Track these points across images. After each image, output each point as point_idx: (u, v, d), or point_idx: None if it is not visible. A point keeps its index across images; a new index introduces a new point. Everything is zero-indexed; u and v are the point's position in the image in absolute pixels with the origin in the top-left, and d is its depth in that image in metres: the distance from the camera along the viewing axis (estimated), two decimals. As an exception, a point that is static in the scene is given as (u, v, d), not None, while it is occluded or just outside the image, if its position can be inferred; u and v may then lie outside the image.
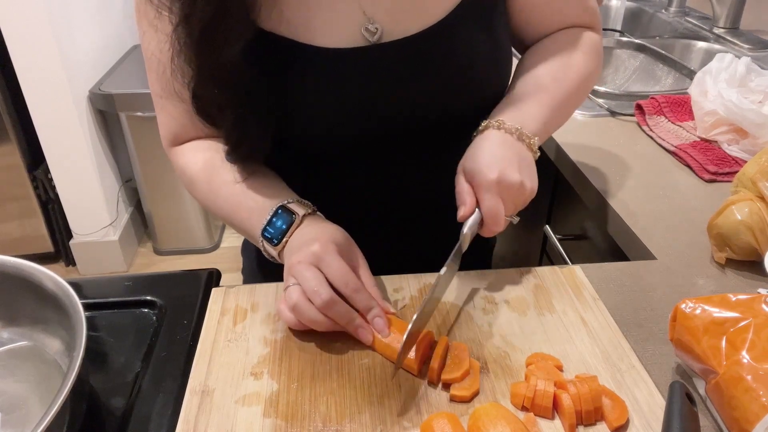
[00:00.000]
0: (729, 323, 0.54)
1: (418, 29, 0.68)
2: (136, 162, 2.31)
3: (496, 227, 0.65)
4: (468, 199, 0.65)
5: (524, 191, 0.66)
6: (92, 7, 2.28)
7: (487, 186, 0.64)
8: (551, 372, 0.58)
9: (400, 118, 0.70)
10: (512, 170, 0.64)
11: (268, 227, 0.67)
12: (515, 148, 0.67)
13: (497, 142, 0.67)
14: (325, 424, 0.55)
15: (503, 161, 0.64)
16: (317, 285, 0.60)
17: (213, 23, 0.59)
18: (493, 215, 0.64)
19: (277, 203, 0.68)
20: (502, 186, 0.64)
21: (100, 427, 0.58)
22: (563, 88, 0.73)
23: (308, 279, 0.60)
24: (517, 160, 0.65)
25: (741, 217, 0.71)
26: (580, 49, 0.76)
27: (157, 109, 0.74)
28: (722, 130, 0.99)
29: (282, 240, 0.66)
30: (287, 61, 0.67)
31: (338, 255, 0.62)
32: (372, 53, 0.67)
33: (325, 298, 0.60)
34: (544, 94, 0.72)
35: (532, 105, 0.71)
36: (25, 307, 0.64)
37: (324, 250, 0.62)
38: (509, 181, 0.64)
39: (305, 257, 0.62)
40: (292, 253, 0.64)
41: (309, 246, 0.63)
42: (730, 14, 1.59)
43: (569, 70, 0.75)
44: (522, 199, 0.67)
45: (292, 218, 0.66)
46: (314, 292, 0.60)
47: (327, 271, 0.61)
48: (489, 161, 0.64)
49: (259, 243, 0.69)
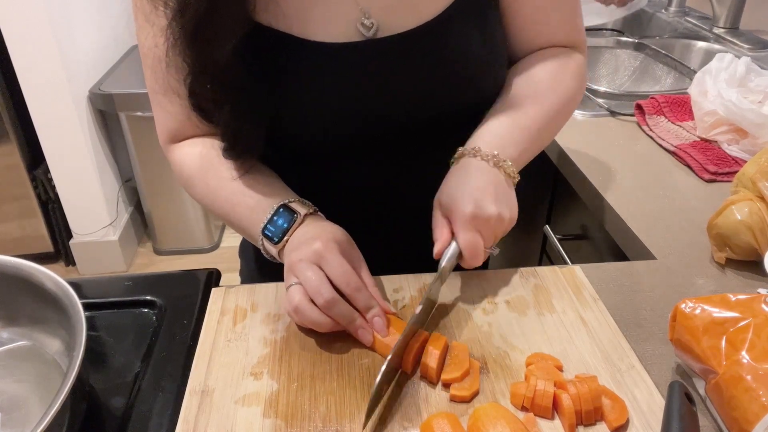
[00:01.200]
0: (729, 323, 0.54)
1: (414, 25, 0.68)
2: (135, 162, 2.31)
3: (474, 261, 0.65)
4: (443, 235, 0.65)
5: (502, 222, 0.65)
6: (92, 7, 2.28)
7: (462, 222, 0.63)
8: (551, 372, 0.58)
9: (395, 114, 0.70)
10: (488, 202, 0.63)
11: (269, 225, 0.67)
12: (490, 176, 0.66)
13: (473, 171, 0.66)
14: (325, 425, 0.55)
15: (478, 192, 0.64)
16: (319, 284, 0.60)
17: (206, 18, 0.59)
18: (470, 250, 0.64)
19: (278, 202, 0.67)
20: (478, 221, 0.63)
21: (100, 427, 0.58)
22: (544, 111, 0.72)
23: (310, 278, 0.60)
24: (493, 190, 0.65)
25: (741, 217, 0.71)
26: (565, 71, 0.75)
27: (154, 106, 0.74)
28: (722, 130, 0.99)
29: (283, 239, 0.66)
30: (283, 55, 0.67)
31: (340, 254, 0.62)
32: (367, 48, 0.67)
33: (327, 298, 0.60)
34: (523, 117, 0.71)
35: (510, 128, 0.70)
36: (25, 307, 0.64)
37: (326, 248, 0.62)
38: (485, 215, 0.63)
39: (307, 255, 0.62)
40: (292, 251, 0.64)
41: (310, 244, 0.62)
42: (730, 14, 1.59)
43: (552, 93, 0.73)
44: (501, 230, 0.66)
45: (294, 217, 0.66)
46: (316, 292, 0.60)
47: (328, 270, 0.61)
48: (464, 194, 0.64)
49: (258, 241, 0.68)
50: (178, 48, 0.62)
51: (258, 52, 0.65)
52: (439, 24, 0.68)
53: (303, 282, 0.61)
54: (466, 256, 0.64)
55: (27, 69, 2.02)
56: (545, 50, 0.77)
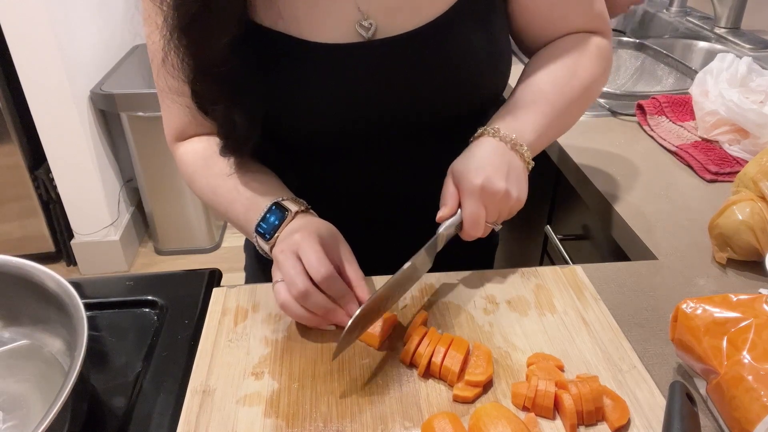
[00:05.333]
0: (730, 323, 0.54)
1: (413, 27, 0.68)
2: (137, 162, 2.31)
3: (474, 231, 0.66)
4: (450, 202, 0.66)
5: (509, 200, 0.66)
6: (93, 7, 2.28)
7: (470, 190, 0.65)
8: (552, 372, 0.58)
9: (393, 115, 0.71)
10: (498, 178, 0.65)
11: (261, 223, 0.68)
12: (507, 157, 0.67)
13: (490, 149, 0.67)
14: (326, 424, 0.55)
15: (490, 168, 0.65)
16: (294, 275, 0.61)
17: (199, 16, 0.59)
18: (472, 220, 0.65)
19: (272, 200, 0.69)
20: (485, 192, 0.65)
21: (101, 426, 0.58)
22: (565, 96, 0.73)
23: (287, 267, 0.61)
24: (507, 169, 0.66)
25: (742, 217, 0.71)
26: (585, 55, 0.75)
27: (161, 105, 0.75)
28: (723, 130, 0.99)
29: (274, 235, 0.67)
30: (281, 55, 0.67)
31: (317, 243, 0.62)
32: (365, 50, 0.68)
33: (300, 289, 0.60)
34: (544, 103, 0.72)
35: (530, 114, 0.71)
36: (27, 307, 0.64)
37: (303, 238, 0.63)
38: (493, 188, 0.65)
39: (287, 246, 0.63)
40: (277, 245, 0.66)
41: (291, 235, 0.64)
42: (732, 14, 1.59)
43: (572, 78, 0.74)
44: (507, 208, 0.67)
45: (285, 214, 0.67)
46: (291, 283, 0.61)
47: (303, 258, 0.62)
48: (477, 166, 0.65)
49: (253, 238, 0.70)
50: (173, 45, 0.62)
51: (257, 52, 0.65)
52: (439, 26, 0.68)
53: (281, 272, 0.62)
54: (466, 226, 0.66)
55: (28, 69, 2.03)
56: (564, 38, 0.77)
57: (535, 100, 0.72)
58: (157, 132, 2.23)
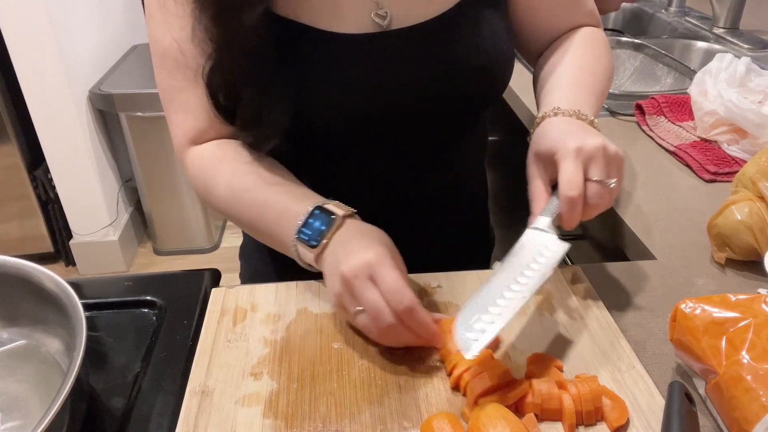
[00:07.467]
0: (729, 323, 0.54)
1: (428, 17, 0.68)
2: (135, 162, 2.31)
3: (572, 192, 0.58)
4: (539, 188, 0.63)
5: (608, 152, 0.60)
6: (92, 7, 2.28)
7: (566, 153, 0.59)
8: (551, 372, 0.58)
9: (408, 105, 0.70)
10: (590, 137, 0.60)
11: (304, 228, 0.63)
12: (582, 124, 0.64)
13: (563, 121, 0.65)
14: (325, 425, 0.55)
15: (578, 132, 0.62)
16: (379, 311, 0.57)
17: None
18: (570, 180, 0.58)
19: (312, 204, 0.64)
20: (583, 152, 0.59)
21: (100, 427, 0.58)
22: (596, 77, 0.74)
23: (370, 300, 0.57)
24: (591, 129, 0.63)
25: (741, 217, 0.71)
26: (599, 44, 0.77)
27: (171, 111, 0.72)
28: (722, 130, 0.99)
29: (321, 242, 0.62)
30: (300, 46, 0.67)
31: (393, 266, 0.58)
32: (381, 40, 0.68)
33: (389, 322, 0.57)
34: (585, 83, 0.72)
35: (578, 92, 0.70)
36: (25, 307, 0.64)
37: (378, 260, 0.57)
38: (591, 145, 0.59)
39: (360, 269, 0.57)
40: (340, 259, 0.59)
41: (362, 255, 0.58)
42: (730, 14, 1.59)
43: (598, 63, 0.75)
44: (609, 162, 0.60)
45: (332, 219, 0.62)
46: (376, 318, 0.57)
47: (381, 285, 0.57)
48: (566, 135, 0.61)
49: (290, 248, 0.64)
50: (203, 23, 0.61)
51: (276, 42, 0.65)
52: (454, 16, 0.69)
53: (363, 304, 0.58)
54: (563, 189, 0.58)
55: (27, 69, 2.02)
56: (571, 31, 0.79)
57: (576, 81, 0.72)
58: (156, 132, 2.23)
